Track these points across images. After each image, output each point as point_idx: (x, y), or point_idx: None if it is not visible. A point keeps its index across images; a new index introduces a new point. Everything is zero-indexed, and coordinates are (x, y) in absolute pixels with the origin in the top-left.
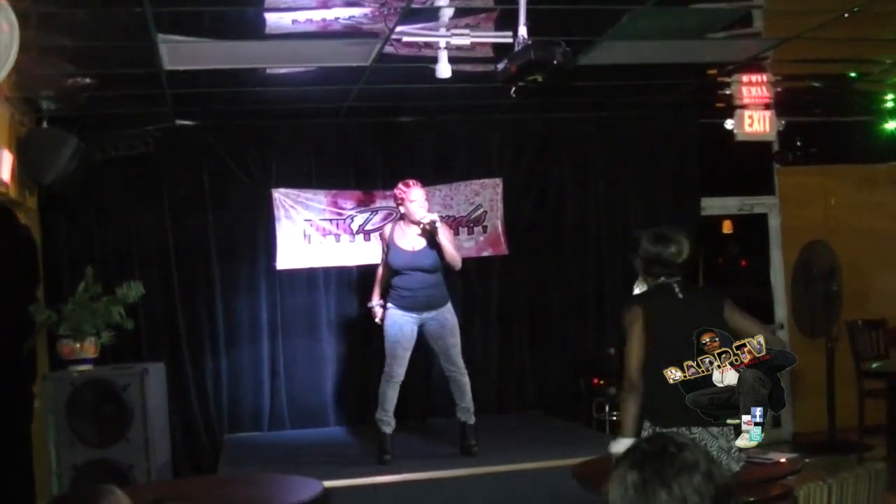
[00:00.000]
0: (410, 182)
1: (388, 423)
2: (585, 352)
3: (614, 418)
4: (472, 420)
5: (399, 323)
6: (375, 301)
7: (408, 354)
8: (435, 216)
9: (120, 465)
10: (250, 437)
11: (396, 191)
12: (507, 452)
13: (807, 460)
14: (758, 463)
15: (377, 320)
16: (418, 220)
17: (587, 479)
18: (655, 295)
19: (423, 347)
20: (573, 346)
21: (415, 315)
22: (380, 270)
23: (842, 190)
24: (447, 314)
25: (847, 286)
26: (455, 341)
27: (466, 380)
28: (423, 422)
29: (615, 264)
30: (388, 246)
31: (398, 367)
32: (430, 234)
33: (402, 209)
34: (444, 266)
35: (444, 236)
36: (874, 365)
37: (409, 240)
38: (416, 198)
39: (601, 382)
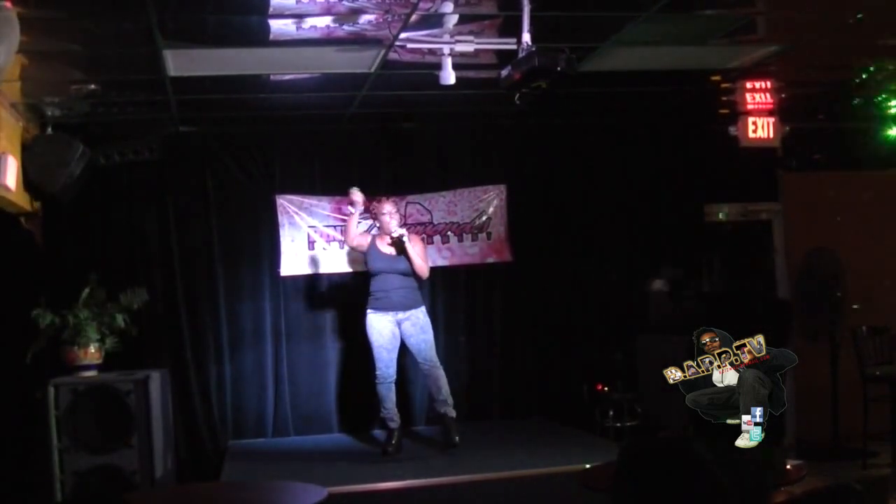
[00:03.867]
0: (382, 198)
1: (391, 419)
2: (589, 358)
3: (618, 425)
4: (452, 413)
5: (377, 327)
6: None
7: (393, 355)
8: (403, 231)
9: (123, 472)
10: (254, 444)
11: (371, 207)
12: (510, 459)
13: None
14: None
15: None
16: (389, 231)
17: (592, 485)
18: None
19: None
20: (577, 351)
21: (391, 315)
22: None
23: (846, 196)
24: (419, 314)
25: (851, 292)
26: (427, 338)
27: (441, 373)
28: (428, 427)
29: (619, 271)
30: (369, 250)
31: (385, 368)
32: (399, 246)
33: (377, 223)
34: (414, 274)
35: (413, 251)
36: (879, 371)
37: (387, 246)
38: (385, 211)
39: (605, 388)
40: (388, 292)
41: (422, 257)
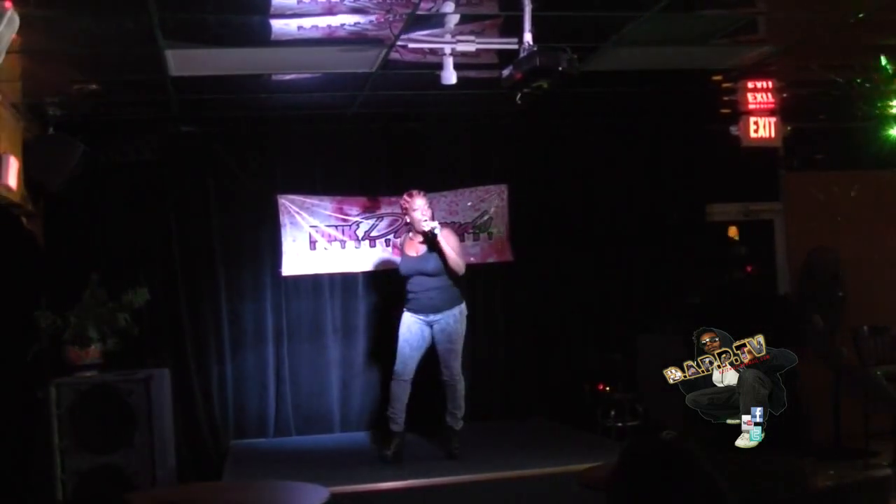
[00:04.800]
0: (414, 192)
1: (395, 421)
2: (590, 357)
3: (619, 425)
4: (458, 426)
5: (408, 324)
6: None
7: (416, 355)
8: (435, 224)
9: (124, 472)
10: (256, 444)
11: (402, 201)
12: (511, 458)
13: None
14: None
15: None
16: (421, 228)
17: (592, 484)
18: None
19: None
20: (578, 351)
21: (422, 317)
22: None
23: (847, 196)
24: (450, 319)
25: (852, 292)
26: (451, 346)
27: (460, 387)
28: (434, 426)
29: (620, 271)
30: (401, 255)
31: (403, 366)
32: (431, 241)
33: (407, 218)
34: (447, 271)
35: (447, 243)
36: (879, 371)
37: (415, 246)
38: (418, 207)
39: (606, 388)
40: (416, 294)
41: (456, 251)
